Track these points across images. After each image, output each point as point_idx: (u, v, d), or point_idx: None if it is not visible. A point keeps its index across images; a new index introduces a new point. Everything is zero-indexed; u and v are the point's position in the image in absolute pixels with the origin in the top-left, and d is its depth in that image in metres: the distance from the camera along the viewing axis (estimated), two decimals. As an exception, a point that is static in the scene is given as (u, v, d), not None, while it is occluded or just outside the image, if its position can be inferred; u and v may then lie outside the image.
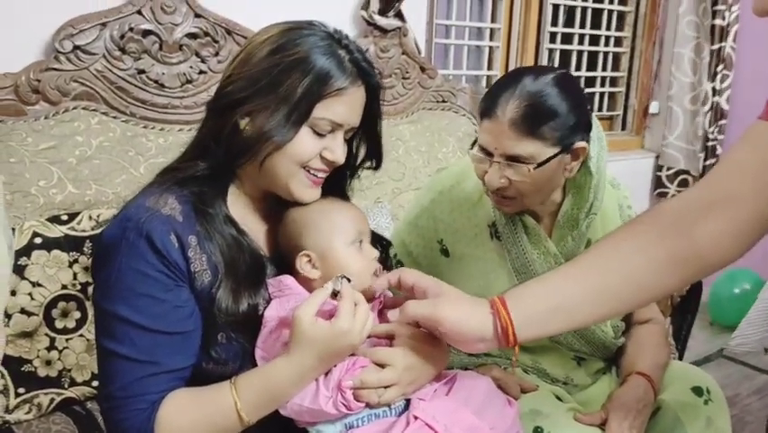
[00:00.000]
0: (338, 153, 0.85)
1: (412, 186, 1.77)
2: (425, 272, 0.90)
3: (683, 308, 1.54)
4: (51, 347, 1.16)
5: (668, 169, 2.55)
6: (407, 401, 0.85)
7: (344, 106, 0.83)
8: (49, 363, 1.15)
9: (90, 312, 1.19)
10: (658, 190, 2.59)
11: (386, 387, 0.81)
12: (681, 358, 1.58)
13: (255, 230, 0.89)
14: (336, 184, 0.92)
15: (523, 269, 1.14)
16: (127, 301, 0.76)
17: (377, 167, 0.96)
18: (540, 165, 1.01)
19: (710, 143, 2.49)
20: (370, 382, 0.80)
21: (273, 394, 0.79)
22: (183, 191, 0.81)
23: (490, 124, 1.02)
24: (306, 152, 0.82)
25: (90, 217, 1.25)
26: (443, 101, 1.89)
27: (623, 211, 1.23)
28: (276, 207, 0.90)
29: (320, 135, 0.83)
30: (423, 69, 1.84)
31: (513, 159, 1.01)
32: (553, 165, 1.03)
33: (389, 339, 0.85)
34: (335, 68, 0.82)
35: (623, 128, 2.67)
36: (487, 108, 1.03)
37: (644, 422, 1.08)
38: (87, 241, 1.23)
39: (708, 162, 2.50)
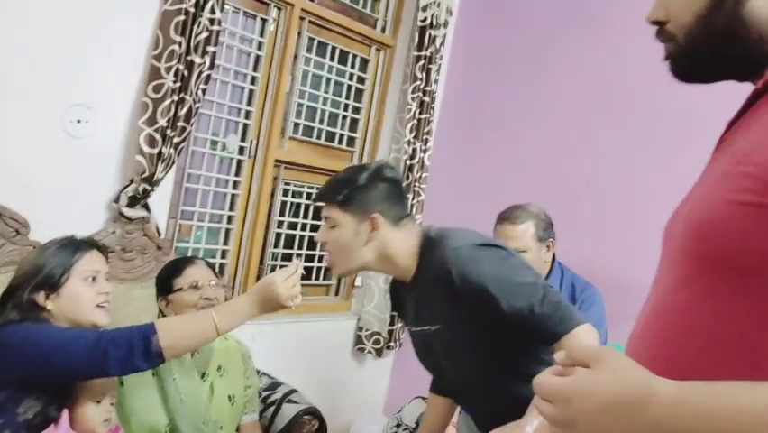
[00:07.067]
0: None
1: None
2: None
3: None
4: None
5: (366, 330, 3.30)
6: None
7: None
8: None
9: None
10: (358, 346, 3.31)
11: None
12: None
13: None
14: None
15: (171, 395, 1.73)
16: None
17: None
18: None
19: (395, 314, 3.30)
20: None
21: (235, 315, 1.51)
22: None
23: None
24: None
25: None
26: (176, 271, 2.46)
27: (245, 358, 1.96)
28: None
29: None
30: (159, 248, 2.41)
31: None
32: None
33: None
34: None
35: (336, 294, 3.41)
36: None
37: None
38: None
39: (392, 327, 3.30)
